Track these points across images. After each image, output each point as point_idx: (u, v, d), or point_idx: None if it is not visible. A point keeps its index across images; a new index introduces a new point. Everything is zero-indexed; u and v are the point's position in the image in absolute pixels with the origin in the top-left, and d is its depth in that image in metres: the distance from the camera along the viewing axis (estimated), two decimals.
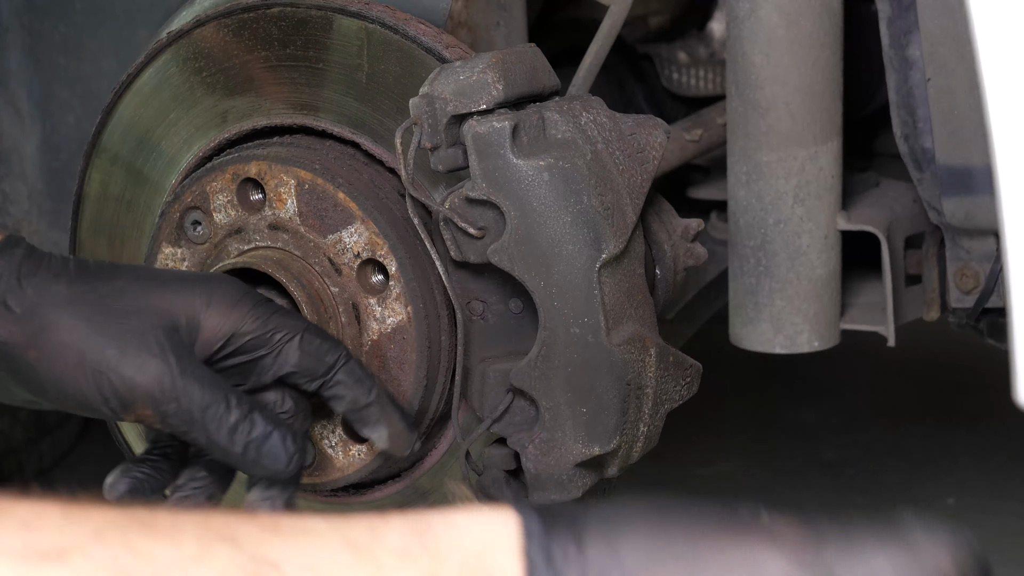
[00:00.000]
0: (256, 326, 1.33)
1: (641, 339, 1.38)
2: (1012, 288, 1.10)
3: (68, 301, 1.29)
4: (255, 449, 1.30)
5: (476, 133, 1.34)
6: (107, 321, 1.29)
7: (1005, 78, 1.05)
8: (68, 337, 1.28)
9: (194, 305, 1.32)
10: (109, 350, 1.27)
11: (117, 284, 1.32)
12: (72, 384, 1.28)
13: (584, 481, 1.38)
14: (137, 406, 1.28)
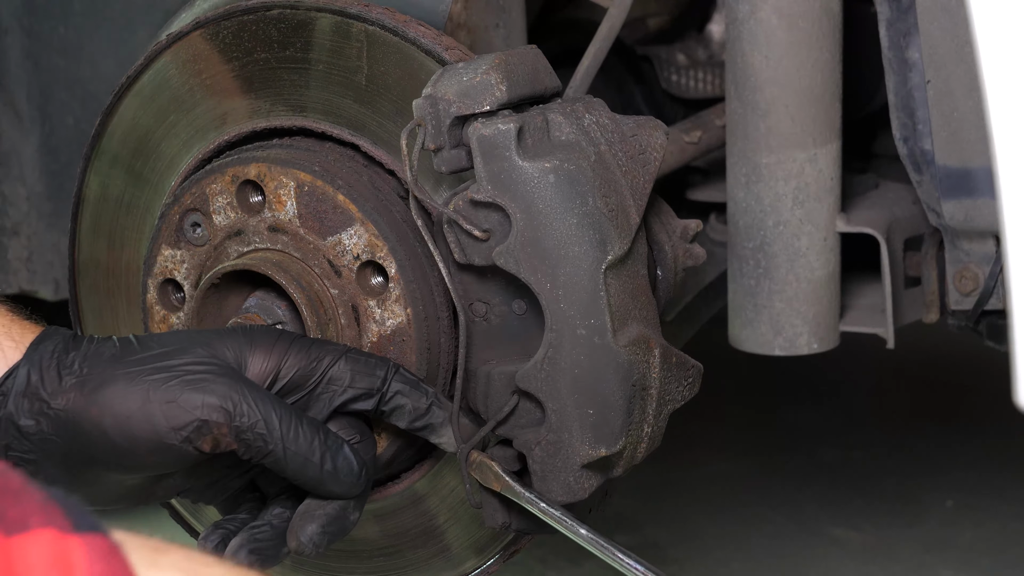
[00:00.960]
0: (300, 357, 1.35)
1: (646, 340, 1.38)
2: (1012, 290, 1.10)
3: (118, 359, 1.30)
4: (331, 458, 1.31)
5: (481, 136, 1.34)
6: (161, 366, 1.30)
7: (1005, 80, 1.05)
8: (127, 385, 1.28)
9: (238, 344, 1.34)
10: (172, 383, 1.28)
11: (161, 340, 1.33)
12: (141, 426, 1.28)
13: (590, 482, 1.38)
14: (212, 427, 1.28)
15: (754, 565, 2.98)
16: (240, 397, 1.28)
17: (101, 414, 1.27)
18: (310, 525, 1.34)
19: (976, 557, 2.96)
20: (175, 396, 1.28)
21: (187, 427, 1.28)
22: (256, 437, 1.29)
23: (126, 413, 1.27)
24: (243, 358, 1.33)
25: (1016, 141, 1.05)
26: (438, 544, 1.58)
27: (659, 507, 3.21)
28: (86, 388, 1.28)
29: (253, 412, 1.28)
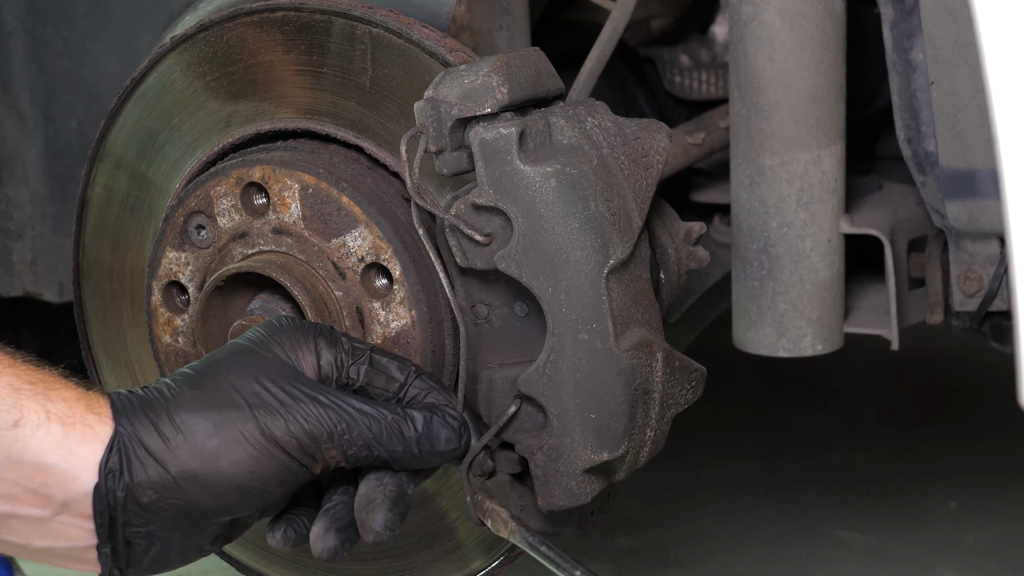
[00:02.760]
0: (337, 360, 1.36)
1: (648, 344, 1.38)
2: (1017, 291, 1.10)
3: (206, 400, 1.29)
4: (428, 440, 1.33)
5: (483, 140, 1.34)
6: (252, 395, 1.30)
7: (1010, 81, 1.05)
8: (236, 428, 1.28)
9: (286, 353, 1.34)
10: (275, 414, 1.29)
11: (224, 365, 1.32)
12: (265, 462, 1.28)
13: (592, 487, 1.38)
14: (323, 452, 1.30)
15: (758, 567, 2.98)
16: (335, 416, 1.30)
17: (222, 465, 1.27)
18: (379, 513, 1.33)
19: (980, 559, 2.96)
20: (285, 425, 1.28)
21: (301, 456, 1.29)
22: (361, 449, 1.31)
23: (249, 454, 1.27)
24: (295, 362, 1.34)
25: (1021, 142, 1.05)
26: (443, 546, 1.59)
27: (663, 509, 3.21)
28: (196, 439, 1.27)
29: (352, 428, 1.30)
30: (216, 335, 1.49)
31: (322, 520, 1.34)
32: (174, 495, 1.26)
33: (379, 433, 1.32)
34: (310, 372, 1.34)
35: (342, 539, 1.34)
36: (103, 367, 1.71)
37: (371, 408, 1.32)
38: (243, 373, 1.31)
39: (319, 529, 1.34)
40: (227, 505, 1.28)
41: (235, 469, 1.27)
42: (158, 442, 1.26)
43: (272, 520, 1.36)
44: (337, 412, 1.30)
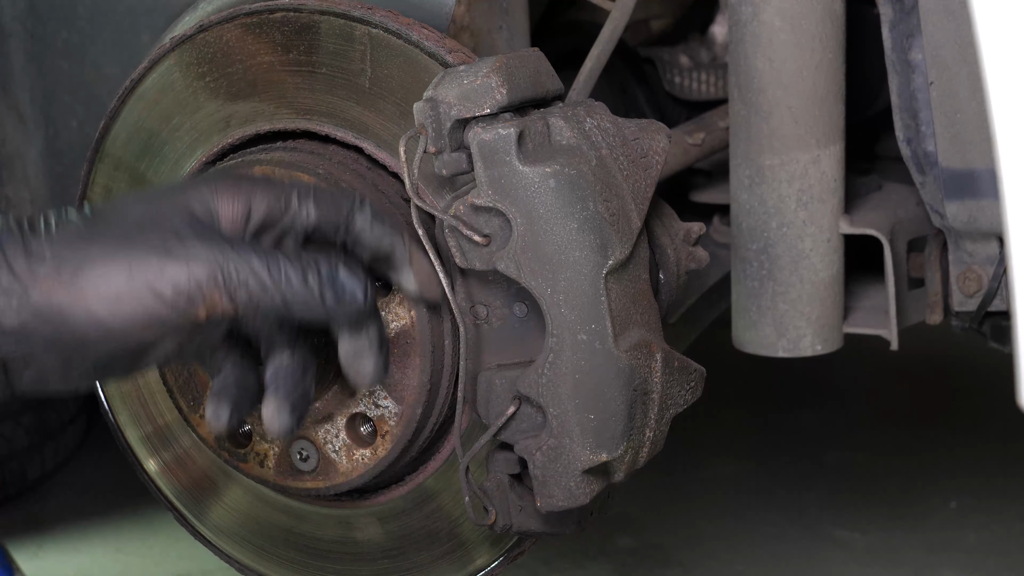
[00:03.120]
0: (267, 195, 1.31)
1: (647, 345, 1.38)
2: (1016, 291, 1.10)
3: (88, 239, 1.25)
4: (332, 292, 1.27)
5: (482, 140, 1.34)
6: (134, 238, 1.24)
7: (1009, 81, 1.05)
8: (106, 264, 1.23)
9: (203, 196, 1.29)
10: (152, 257, 1.23)
11: (123, 209, 1.28)
12: (132, 305, 1.22)
13: (592, 487, 1.38)
14: (205, 295, 1.23)
15: (757, 567, 2.98)
16: (224, 257, 1.24)
17: (86, 299, 1.22)
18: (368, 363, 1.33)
19: (980, 559, 2.96)
20: (160, 269, 1.22)
21: (180, 300, 1.23)
22: (250, 295, 1.25)
23: (113, 294, 1.22)
24: (210, 207, 1.29)
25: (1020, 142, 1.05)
26: (443, 546, 1.59)
27: (662, 510, 3.21)
28: (63, 274, 1.22)
29: (241, 270, 1.24)
30: None
31: (272, 399, 1.32)
32: (39, 324, 1.22)
33: (278, 278, 1.25)
34: (226, 218, 1.29)
35: (296, 416, 1.32)
36: None
37: (264, 256, 1.25)
38: (136, 213, 1.27)
39: (271, 409, 1.32)
40: (95, 341, 1.24)
41: (101, 307, 1.22)
42: (25, 270, 1.22)
43: (210, 397, 1.33)
44: (231, 251, 1.24)
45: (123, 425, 1.71)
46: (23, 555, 3.12)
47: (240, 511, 1.68)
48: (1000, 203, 1.08)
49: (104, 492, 3.38)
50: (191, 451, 1.66)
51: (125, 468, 1.74)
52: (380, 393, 1.46)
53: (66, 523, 3.30)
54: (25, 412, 3.24)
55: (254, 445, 1.53)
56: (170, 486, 1.70)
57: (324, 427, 1.49)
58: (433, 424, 1.49)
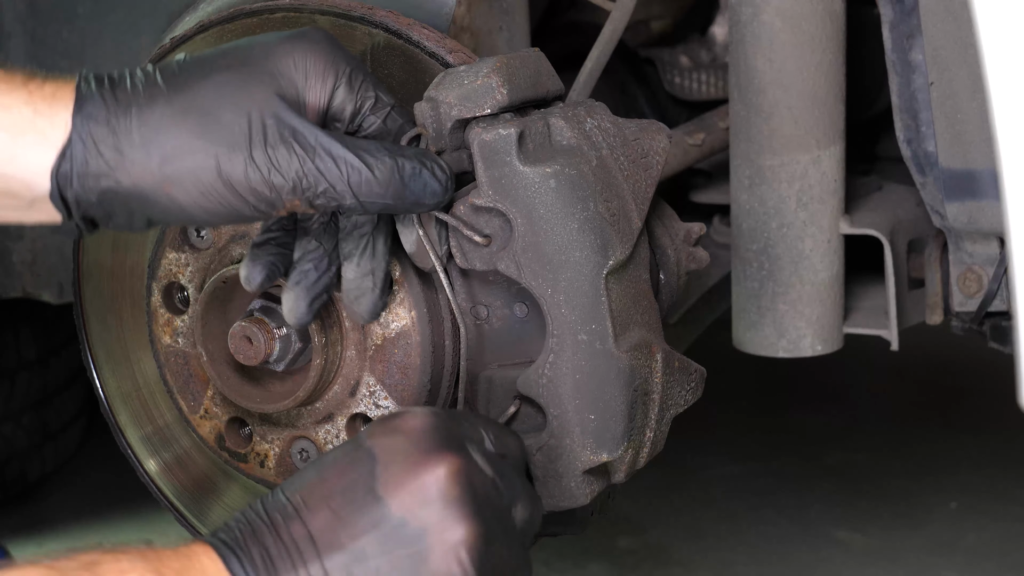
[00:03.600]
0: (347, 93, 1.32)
1: (648, 345, 1.38)
2: (1016, 291, 1.10)
3: (176, 120, 1.27)
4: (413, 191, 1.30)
5: (482, 141, 1.34)
6: (220, 128, 1.27)
7: (1010, 81, 1.05)
8: (193, 159, 1.26)
9: (293, 79, 1.31)
10: (238, 156, 1.26)
11: (212, 79, 1.29)
12: (218, 201, 1.27)
13: (592, 488, 1.38)
14: (285, 201, 1.28)
15: (758, 567, 2.98)
16: (307, 166, 1.27)
17: (172, 189, 1.27)
18: (367, 303, 1.37)
19: (980, 560, 2.96)
20: (245, 174, 1.26)
21: (261, 204, 1.28)
22: (330, 200, 1.29)
23: (199, 191, 1.27)
24: (301, 95, 1.31)
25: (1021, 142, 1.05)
26: None
27: (664, 510, 3.21)
28: (152, 160, 1.26)
29: (320, 178, 1.27)
30: (216, 336, 1.49)
31: (294, 291, 1.37)
32: (124, 202, 1.28)
33: (358, 185, 1.28)
34: (313, 106, 1.32)
35: (314, 310, 1.38)
36: (103, 368, 1.71)
37: (355, 157, 1.28)
38: (225, 96, 1.28)
39: (291, 300, 1.37)
40: (175, 217, 1.29)
41: (185, 197, 1.27)
42: (113, 154, 1.27)
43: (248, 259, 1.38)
44: (311, 163, 1.27)
45: (123, 425, 1.70)
46: (24, 555, 3.11)
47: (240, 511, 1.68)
48: (1001, 203, 1.08)
49: (104, 492, 3.38)
50: (191, 451, 1.66)
51: (125, 468, 1.74)
52: (380, 393, 1.46)
53: (66, 523, 3.31)
54: (25, 412, 3.24)
55: (254, 445, 1.53)
56: (170, 486, 1.70)
57: (325, 427, 1.49)
58: None
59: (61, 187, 1.27)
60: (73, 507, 3.38)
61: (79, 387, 3.38)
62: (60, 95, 1.28)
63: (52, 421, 3.33)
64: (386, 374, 1.46)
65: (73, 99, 1.28)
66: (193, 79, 1.29)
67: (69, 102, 1.28)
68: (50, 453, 3.36)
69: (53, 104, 1.28)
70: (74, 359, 3.29)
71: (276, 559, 1.17)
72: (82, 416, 3.46)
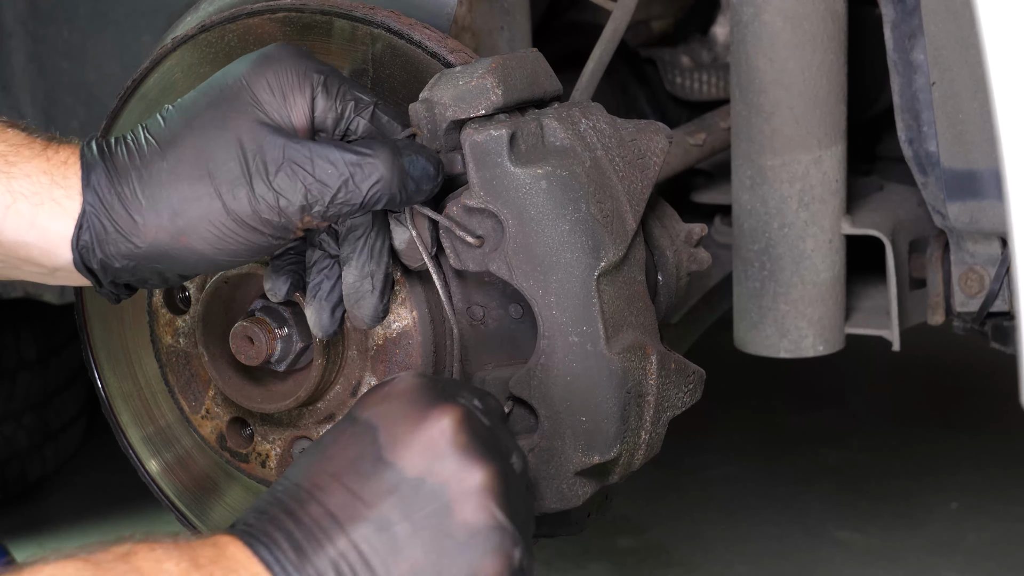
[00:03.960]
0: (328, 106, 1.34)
1: (642, 347, 1.38)
2: (1019, 291, 1.10)
3: (173, 174, 1.29)
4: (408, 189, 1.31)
5: (473, 141, 1.33)
6: (218, 166, 1.29)
7: (1012, 81, 1.05)
8: (199, 206, 1.28)
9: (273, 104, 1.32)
10: (240, 190, 1.28)
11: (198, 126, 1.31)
12: (232, 240, 1.29)
13: (584, 489, 1.37)
14: (296, 223, 1.30)
15: (758, 567, 2.98)
16: (308, 180, 1.29)
17: (189, 239, 1.29)
18: (368, 307, 1.38)
19: (980, 560, 2.96)
20: (254, 209, 1.28)
21: (276, 231, 1.30)
22: (339, 209, 1.30)
23: (215, 234, 1.29)
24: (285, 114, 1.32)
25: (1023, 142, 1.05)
26: None
27: (664, 510, 3.21)
28: (162, 218, 1.28)
29: (325, 187, 1.29)
30: (217, 336, 1.49)
31: (314, 304, 1.38)
32: (147, 263, 1.31)
33: (363, 180, 1.29)
34: (299, 122, 1.33)
35: (337, 318, 1.39)
36: (104, 368, 1.71)
37: (351, 154, 1.29)
38: (212, 138, 1.30)
39: (314, 314, 1.38)
40: (196, 265, 1.32)
41: (203, 245, 1.29)
42: (127, 220, 1.29)
43: (269, 271, 1.39)
44: (312, 176, 1.29)
45: (124, 425, 1.70)
46: (24, 555, 3.11)
47: (241, 511, 1.67)
48: (1003, 203, 1.07)
49: (105, 493, 3.38)
50: (193, 451, 1.66)
51: (126, 468, 1.74)
52: None
53: (67, 523, 3.31)
54: (26, 412, 3.25)
55: (256, 445, 1.53)
56: (172, 486, 1.70)
57: (326, 427, 1.49)
58: None
59: (84, 258, 1.31)
60: (74, 507, 3.38)
61: (80, 387, 3.38)
62: (71, 162, 1.31)
63: (53, 421, 3.33)
64: (387, 374, 1.46)
65: (77, 170, 1.31)
66: (179, 128, 1.31)
67: (73, 172, 1.31)
68: (51, 453, 3.36)
69: (66, 172, 1.31)
70: (74, 359, 3.30)
71: (302, 541, 1.17)
72: (83, 416, 3.46)
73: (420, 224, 1.37)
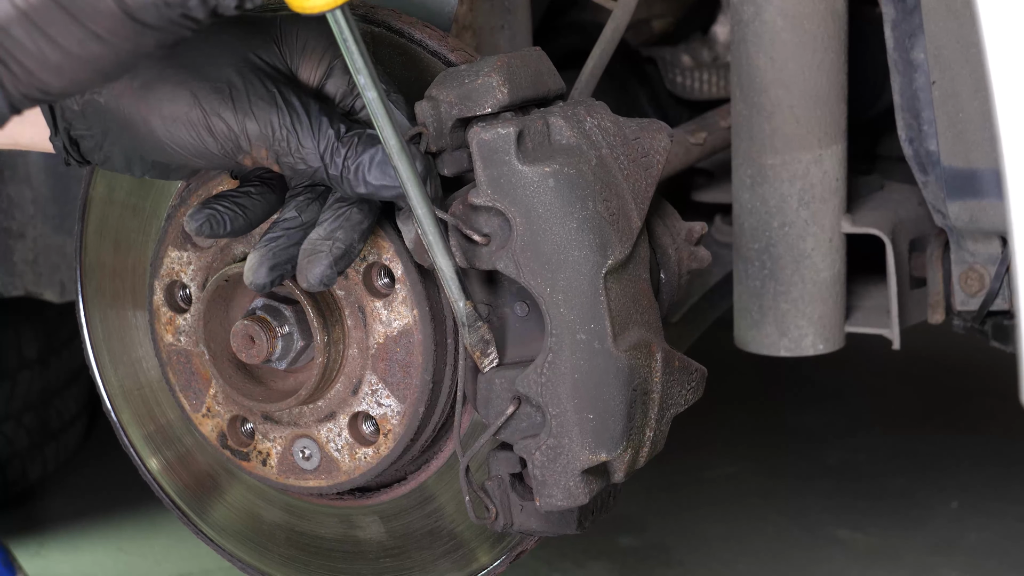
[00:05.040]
0: (340, 81, 1.34)
1: (647, 344, 1.38)
2: (1019, 290, 1.10)
3: (166, 56, 1.29)
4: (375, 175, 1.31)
5: (481, 140, 1.33)
6: (208, 68, 1.29)
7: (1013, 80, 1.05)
8: (175, 87, 1.28)
9: (291, 51, 1.33)
10: (215, 97, 1.28)
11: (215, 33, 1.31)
12: (187, 132, 1.29)
13: (591, 487, 1.37)
14: (252, 150, 1.30)
15: (759, 567, 2.98)
16: (281, 123, 1.29)
17: (149, 111, 1.29)
18: (318, 266, 1.34)
19: (981, 559, 2.96)
20: (219, 113, 1.28)
21: (227, 144, 1.29)
22: (297, 161, 1.30)
23: (173, 116, 1.29)
24: (295, 64, 1.33)
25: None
26: (445, 544, 1.59)
27: (664, 509, 3.21)
28: (134, 84, 1.29)
29: (292, 139, 1.29)
30: (218, 334, 1.49)
31: (259, 252, 1.36)
32: (103, 119, 1.31)
33: (325, 151, 1.29)
34: (304, 82, 1.33)
35: (273, 276, 1.36)
36: (106, 367, 1.71)
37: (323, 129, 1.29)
38: (224, 43, 1.30)
39: (254, 261, 1.36)
40: (149, 149, 1.31)
41: (159, 125, 1.29)
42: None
43: (200, 206, 1.37)
44: (288, 117, 1.28)
45: (125, 424, 1.71)
46: (25, 554, 3.12)
47: (242, 510, 1.68)
48: (1004, 202, 1.08)
49: (106, 491, 3.38)
50: (193, 450, 1.66)
51: (127, 467, 1.74)
52: (383, 392, 1.46)
53: (68, 522, 3.31)
54: (26, 412, 3.25)
55: (256, 444, 1.53)
56: (172, 485, 1.70)
57: (327, 425, 1.49)
58: (436, 423, 1.49)
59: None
60: (75, 506, 3.38)
61: (80, 386, 3.39)
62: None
63: (53, 420, 3.33)
64: (388, 372, 1.46)
65: None
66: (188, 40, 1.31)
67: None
68: (51, 452, 3.37)
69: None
70: (75, 358, 3.30)
71: None
72: (83, 415, 3.46)
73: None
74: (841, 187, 1.98)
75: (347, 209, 1.36)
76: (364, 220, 1.37)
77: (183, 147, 1.30)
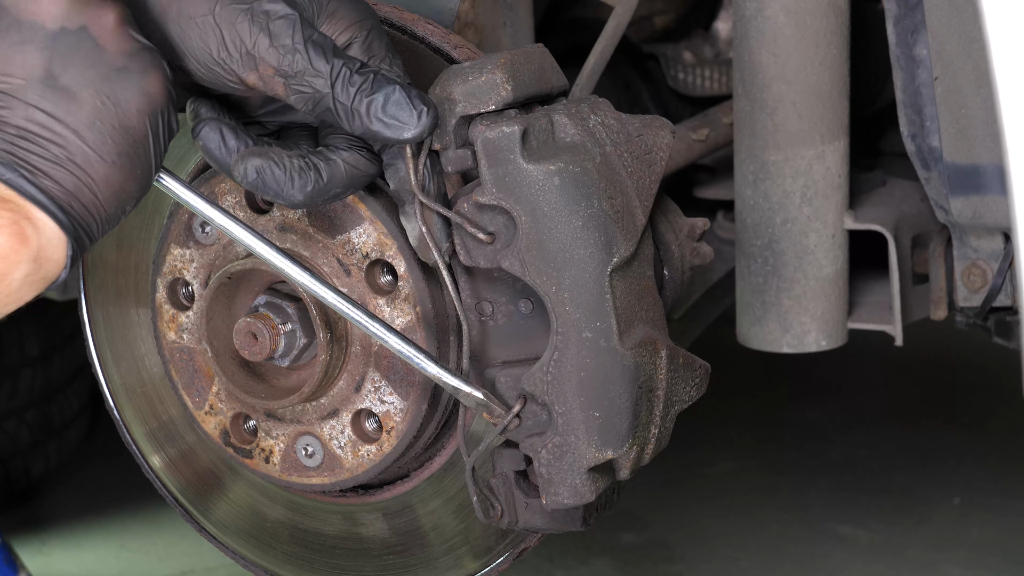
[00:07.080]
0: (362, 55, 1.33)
1: (652, 342, 1.38)
2: (1022, 286, 1.10)
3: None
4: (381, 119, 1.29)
5: (486, 138, 1.33)
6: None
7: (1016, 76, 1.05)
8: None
9: (319, 11, 1.32)
10: (237, 4, 1.27)
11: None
12: (197, 34, 1.28)
13: (597, 484, 1.37)
14: (259, 64, 1.28)
15: (761, 563, 2.98)
16: (295, 42, 1.27)
17: (167, 4, 1.28)
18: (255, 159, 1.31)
19: (983, 555, 2.96)
20: (235, 20, 1.27)
21: (240, 54, 1.28)
22: (304, 85, 1.28)
23: (189, 14, 1.28)
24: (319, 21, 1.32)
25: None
26: (448, 541, 1.59)
27: (667, 506, 3.22)
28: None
29: (303, 60, 1.27)
30: (221, 332, 1.49)
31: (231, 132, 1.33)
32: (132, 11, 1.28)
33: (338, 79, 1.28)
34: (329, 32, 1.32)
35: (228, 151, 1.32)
36: (108, 364, 1.71)
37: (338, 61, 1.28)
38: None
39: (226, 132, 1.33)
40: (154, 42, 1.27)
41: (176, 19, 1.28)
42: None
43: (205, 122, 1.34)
44: (302, 42, 1.27)
45: (128, 421, 1.71)
46: (27, 552, 3.12)
47: (245, 507, 1.68)
48: (1007, 198, 1.07)
49: (108, 489, 3.39)
50: (196, 447, 1.66)
51: (129, 464, 1.74)
52: (385, 389, 1.46)
53: (70, 520, 3.31)
54: (29, 409, 3.25)
55: (259, 441, 1.53)
56: (175, 482, 1.71)
57: (330, 423, 1.49)
58: (438, 420, 1.49)
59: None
60: (77, 503, 3.38)
61: (82, 383, 3.39)
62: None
63: (56, 417, 3.33)
64: (391, 370, 1.46)
65: None
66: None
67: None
68: (54, 449, 3.37)
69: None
70: (77, 355, 3.30)
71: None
72: (85, 412, 3.46)
73: (430, 220, 1.37)
74: (844, 183, 1.98)
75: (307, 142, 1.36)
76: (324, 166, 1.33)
77: (189, 50, 1.28)
